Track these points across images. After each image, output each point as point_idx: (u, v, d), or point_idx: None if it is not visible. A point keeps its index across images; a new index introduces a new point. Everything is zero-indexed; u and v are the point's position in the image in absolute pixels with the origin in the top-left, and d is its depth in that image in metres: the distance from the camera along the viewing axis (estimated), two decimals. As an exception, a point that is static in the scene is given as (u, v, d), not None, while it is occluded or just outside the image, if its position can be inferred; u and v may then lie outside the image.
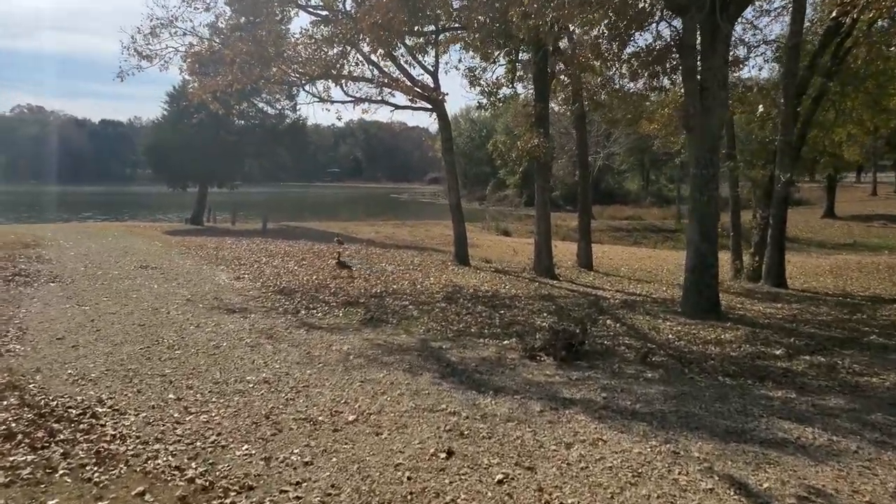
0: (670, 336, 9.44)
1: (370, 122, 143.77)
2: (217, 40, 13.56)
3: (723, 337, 9.24)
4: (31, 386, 5.83)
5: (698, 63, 11.06)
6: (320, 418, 5.44)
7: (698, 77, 11.01)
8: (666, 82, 12.82)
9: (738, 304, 12.47)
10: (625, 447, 5.05)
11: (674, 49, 11.62)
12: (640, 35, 13.70)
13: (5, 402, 5.27)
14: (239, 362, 7.04)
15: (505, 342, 8.43)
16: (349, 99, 15.25)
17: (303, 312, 10.03)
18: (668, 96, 17.53)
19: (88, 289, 11.30)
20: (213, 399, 5.78)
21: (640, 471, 4.53)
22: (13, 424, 4.78)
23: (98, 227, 25.91)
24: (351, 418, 5.46)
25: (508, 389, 6.40)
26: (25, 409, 5.16)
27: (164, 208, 47.95)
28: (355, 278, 13.61)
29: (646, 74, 12.25)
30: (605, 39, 11.98)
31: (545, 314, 10.57)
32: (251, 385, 6.25)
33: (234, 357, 7.25)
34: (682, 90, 11.93)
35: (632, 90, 15.77)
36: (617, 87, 15.24)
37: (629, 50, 12.75)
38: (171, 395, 5.81)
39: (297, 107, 31.09)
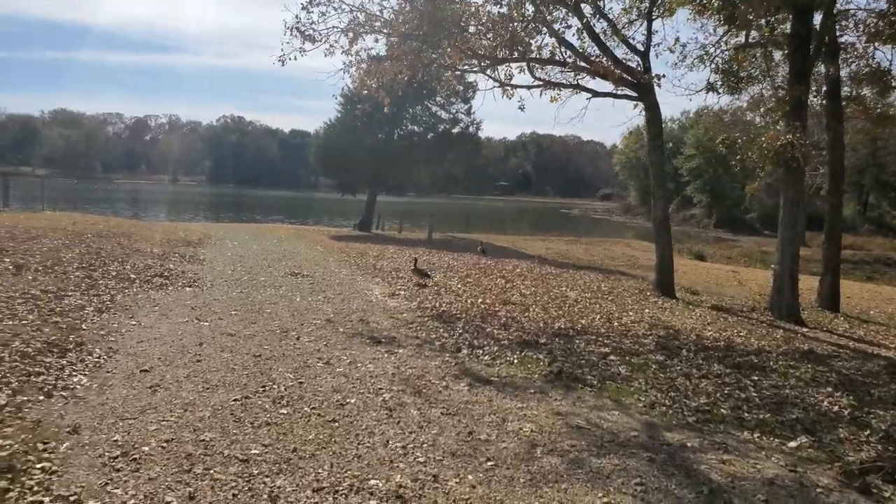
0: None
1: (542, 135, 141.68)
2: (384, 12, 11.56)
3: None
4: (37, 469, 3.72)
5: None
6: None
7: None
8: None
9: None
10: None
11: None
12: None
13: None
14: (365, 442, 4.50)
15: (791, 444, 5.05)
16: (537, 83, 12.49)
17: (465, 352, 7.40)
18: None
19: (221, 297, 9.68)
20: (301, 538, 3.24)
21: None
22: None
23: (268, 229, 25.90)
24: None
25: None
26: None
27: (345, 214, 49.00)
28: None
29: None
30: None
31: (825, 387, 6.89)
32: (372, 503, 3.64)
33: (361, 429, 4.73)
34: None
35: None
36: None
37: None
38: (233, 518, 3.38)
39: (472, 110, 29.16)
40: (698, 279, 18.75)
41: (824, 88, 13.94)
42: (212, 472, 3.87)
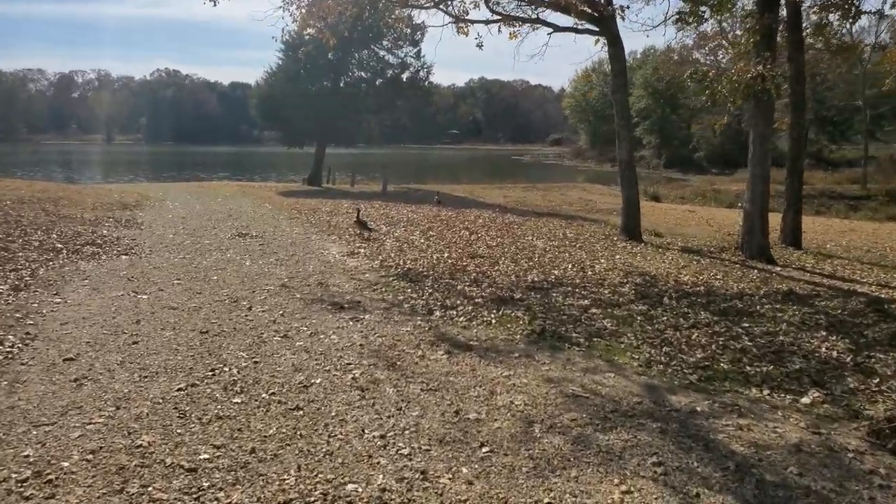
0: None
1: (491, 80, 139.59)
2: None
3: None
4: None
5: None
6: None
7: None
8: None
9: None
10: None
11: None
12: None
13: None
14: (337, 433, 3.84)
15: (804, 400, 4.65)
16: (495, 18, 11.59)
17: (437, 314, 6.78)
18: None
19: (162, 265, 8.75)
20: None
21: None
22: None
23: (212, 187, 24.44)
24: None
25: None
26: None
27: (293, 168, 47.16)
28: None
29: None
30: None
31: (818, 330, 6.57)
32: (353, 519, 3.01)
33: (330, 417, 4.07)
34: None
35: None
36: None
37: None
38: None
39: (422, 53, 27.77)
40: (658, 220, 18.56)
41: (785, 18, 13.48)
42: (150, 489, 3.16)
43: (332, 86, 27.01)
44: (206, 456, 3.51)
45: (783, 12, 12.88)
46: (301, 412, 4.13)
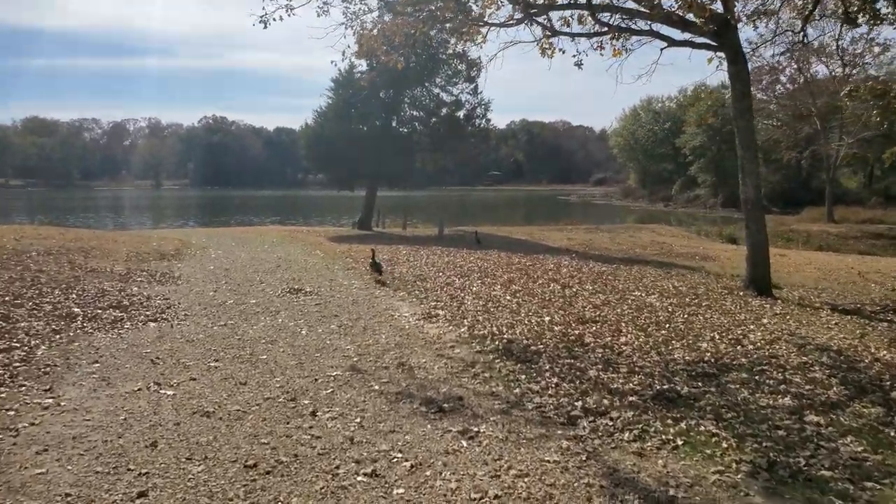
0: None
1: (532, 122, 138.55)
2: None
3: None
4: None
5: None
6: None
7: None
8: None
9: None
10: None
11: None
12: None
13: None
14: None
15: None
16: (599, 30, 9.64)
17: (584, 424, 4.61)
18: None
19: (197, 337, 6.85)
20: None
21: None
22: None
23: (258, 232, 22.90)
24: None
25: None
26: None
27: (339, 211, 46.18)
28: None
29: None
30: None
31: None
32: None
33: None
34: None
35: None
36: None
37: None
38: None
39: (479, 90, 26.02)
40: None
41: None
42: None
43: (383, 125, 25.52)
44: None
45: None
46: None
